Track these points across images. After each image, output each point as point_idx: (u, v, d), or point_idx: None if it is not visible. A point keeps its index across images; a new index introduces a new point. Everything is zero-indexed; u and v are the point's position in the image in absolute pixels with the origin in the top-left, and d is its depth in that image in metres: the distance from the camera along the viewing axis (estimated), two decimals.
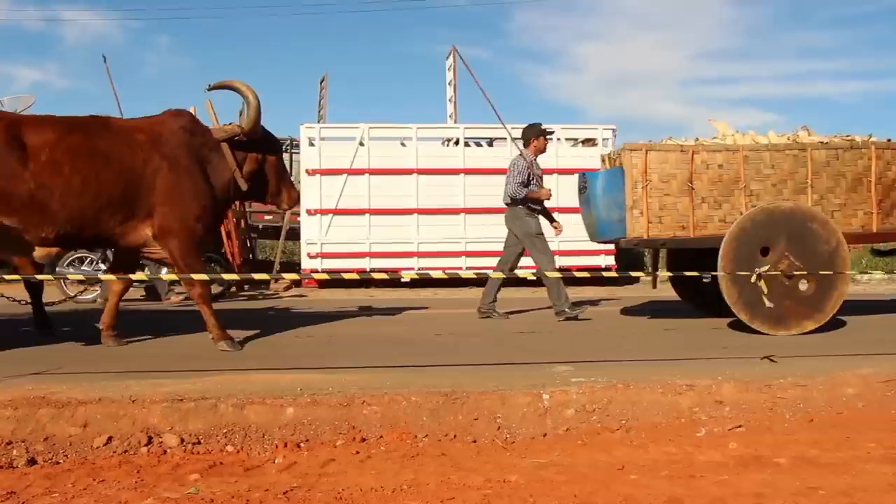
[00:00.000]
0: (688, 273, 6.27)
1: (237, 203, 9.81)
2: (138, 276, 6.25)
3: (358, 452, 3.57)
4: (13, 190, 4.97)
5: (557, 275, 6.88)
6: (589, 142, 12.49)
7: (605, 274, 10.11)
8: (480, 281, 11.33)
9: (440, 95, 15.59)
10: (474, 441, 3.77)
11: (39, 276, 5.39)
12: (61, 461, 3.50)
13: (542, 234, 7.34)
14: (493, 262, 12.09)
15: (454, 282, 11.42)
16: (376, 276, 8.10)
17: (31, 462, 3.46)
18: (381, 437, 3.75)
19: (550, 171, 12.04)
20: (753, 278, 6.24)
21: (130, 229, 5.31)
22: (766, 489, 3.03)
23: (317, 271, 11.34)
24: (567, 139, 12.42)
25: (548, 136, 7.74)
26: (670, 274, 7.24)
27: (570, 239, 12.01)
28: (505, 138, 12.37)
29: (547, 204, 7.71)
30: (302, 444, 3.68)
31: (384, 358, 5.07)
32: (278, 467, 3.41)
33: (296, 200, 6.20)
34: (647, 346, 5.66)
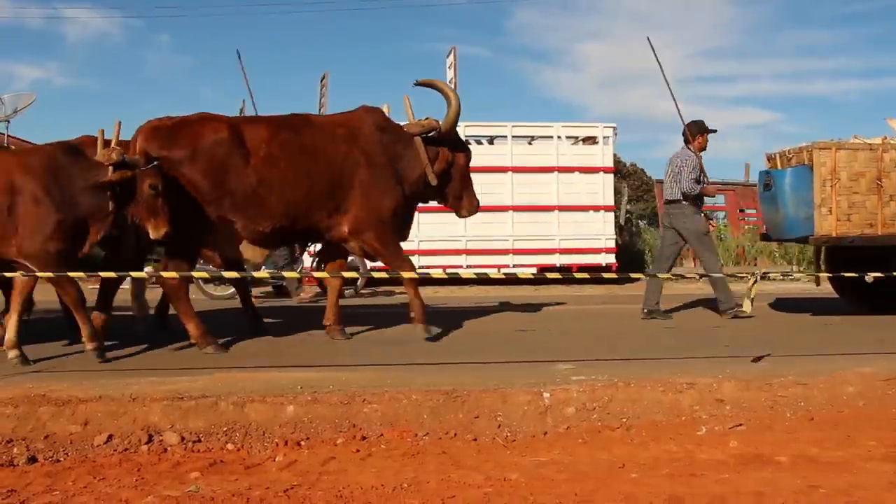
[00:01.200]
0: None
1: None
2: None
3: (358, 451, 3.57)
4: (239, 186, 5.22)
5: (722, 274, 6.82)
6: (589, 140, 12.47)
7: (604, 275, 10.09)
8: (480, 279, 11.33)
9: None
10: (475, 439, 3.77)
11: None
12: (62, 459, 3.50)
13: (710, 232, 7.26)
14: (493, 260, 12.19)
15: (453, 279, 11.40)
16: (376, 275, 8.07)
17: (32, 460, 3.46)
18: (382, 435, 3.75)
19: (551, 169, 12.08)
20: (751, 283, 6.27)
21: (336, 223, 5.53)
22: (766, 487, 3.04)
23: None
24: (567, 137, 12.40)
25: (710, 133, 7.43)
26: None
27: (569, 237, 12.10)
28: (506, 136, 12.39)
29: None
30: (302, 443, 3.68)
31: (385, 356, 5.07)
32: (279, 465, 3.41)
33: (475, 209, 6.17)
34: (647, 344, 5.65)
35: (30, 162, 4.80)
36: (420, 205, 6.23)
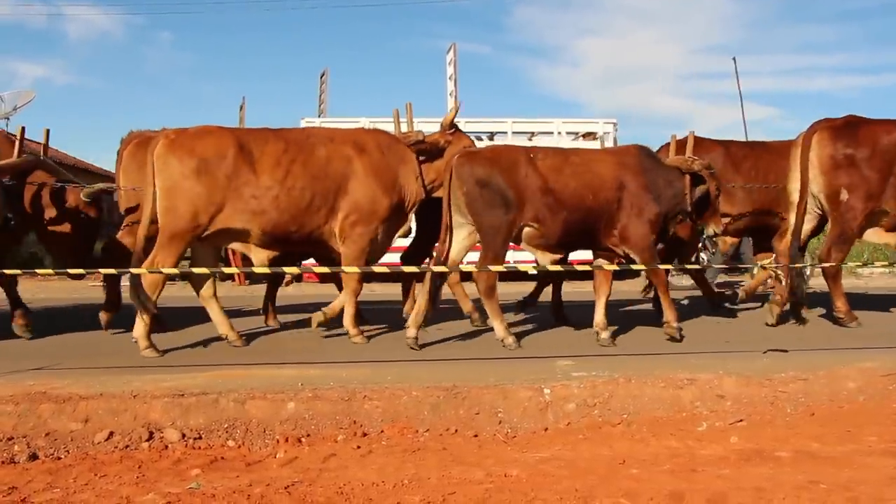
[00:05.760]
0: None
1: None
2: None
3: (359, 447, 3.58)
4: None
5: None
6: (590, 135, 12.44)
7: (606, 267, 10.03)
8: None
9: (441, 90, 15.60)
10: (475, 435, 3.77)
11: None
12: (62, 456, 3.50)
13: None
14: None
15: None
16: (377, 269, 8.04)
17: (33, 457, 3.47)
18: (383, 431, 3.76)
19: None
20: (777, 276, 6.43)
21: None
22: (767, 483, 3.03)
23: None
24: (568, 133, 12.37)
25: None
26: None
27: None
28: (506, 132, 12.35)
29: None
30: (303, 439, 3.68)
31: (385, 352, 5.07)
32: (279, 462, 3.42)
33: None
34: (648, 340, 5.65)
35: (629, 161, 5.39)
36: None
